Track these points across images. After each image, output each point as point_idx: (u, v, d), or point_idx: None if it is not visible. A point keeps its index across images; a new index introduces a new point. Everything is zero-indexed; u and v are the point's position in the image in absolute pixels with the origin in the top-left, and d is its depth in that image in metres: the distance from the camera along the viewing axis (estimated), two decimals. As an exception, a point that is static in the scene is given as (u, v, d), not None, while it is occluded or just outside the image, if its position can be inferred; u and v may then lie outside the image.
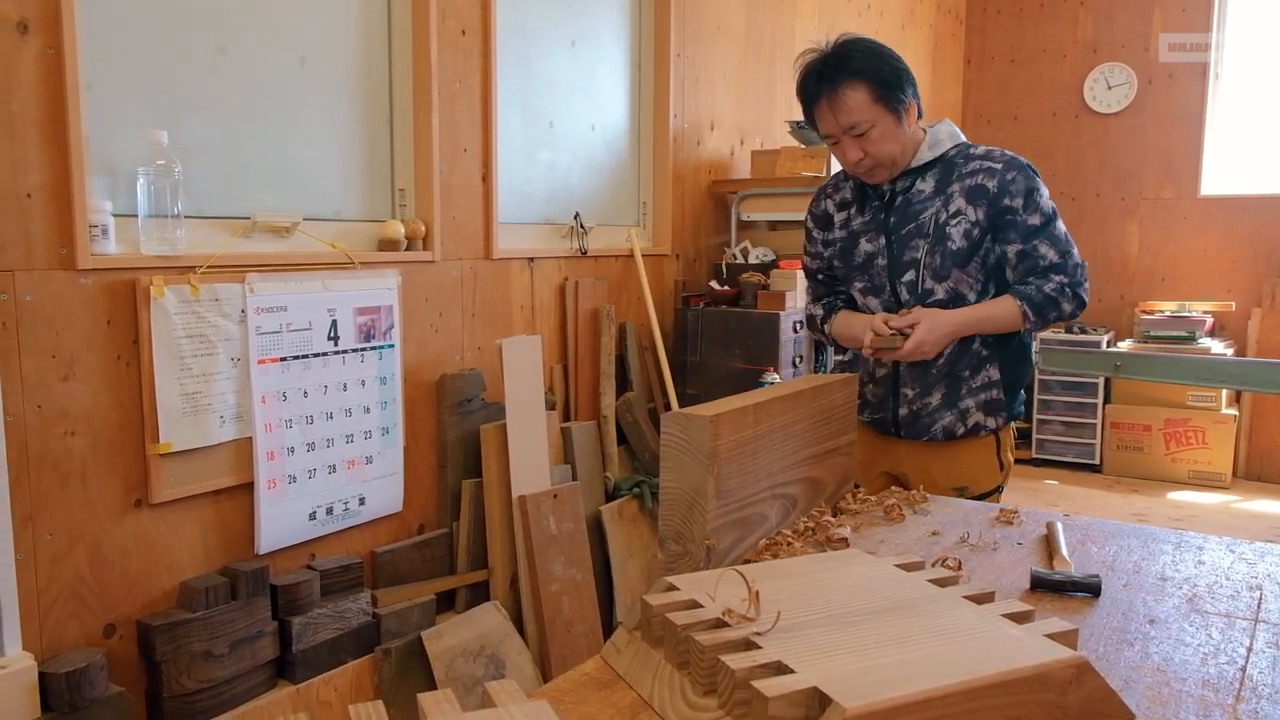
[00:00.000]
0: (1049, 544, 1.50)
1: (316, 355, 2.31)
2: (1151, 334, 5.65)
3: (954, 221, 1.92)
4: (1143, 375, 3.63)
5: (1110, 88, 6.16)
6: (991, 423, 2.03)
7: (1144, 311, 5.87)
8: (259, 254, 2.22)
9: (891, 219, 1.97)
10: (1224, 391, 5.46)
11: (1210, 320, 5.69)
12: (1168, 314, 5.73)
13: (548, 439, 2.80)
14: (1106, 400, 5.80)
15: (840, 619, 0.98)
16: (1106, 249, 6.27)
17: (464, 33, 2.68)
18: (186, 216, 2.05)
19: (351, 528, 2.44)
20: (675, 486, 1.37)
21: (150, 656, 1.99)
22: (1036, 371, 5.76)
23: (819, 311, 2.14)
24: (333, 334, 2.34)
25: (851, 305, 2.11)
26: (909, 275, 1.96)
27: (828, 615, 0.99)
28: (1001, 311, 1.92)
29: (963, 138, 2.03)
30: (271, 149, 2.32)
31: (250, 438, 2.17)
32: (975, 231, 1.91)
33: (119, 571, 1.99)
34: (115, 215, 1.95)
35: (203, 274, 2.06)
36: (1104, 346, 5.59)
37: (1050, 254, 1.92)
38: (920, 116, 1.97)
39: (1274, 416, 5.60)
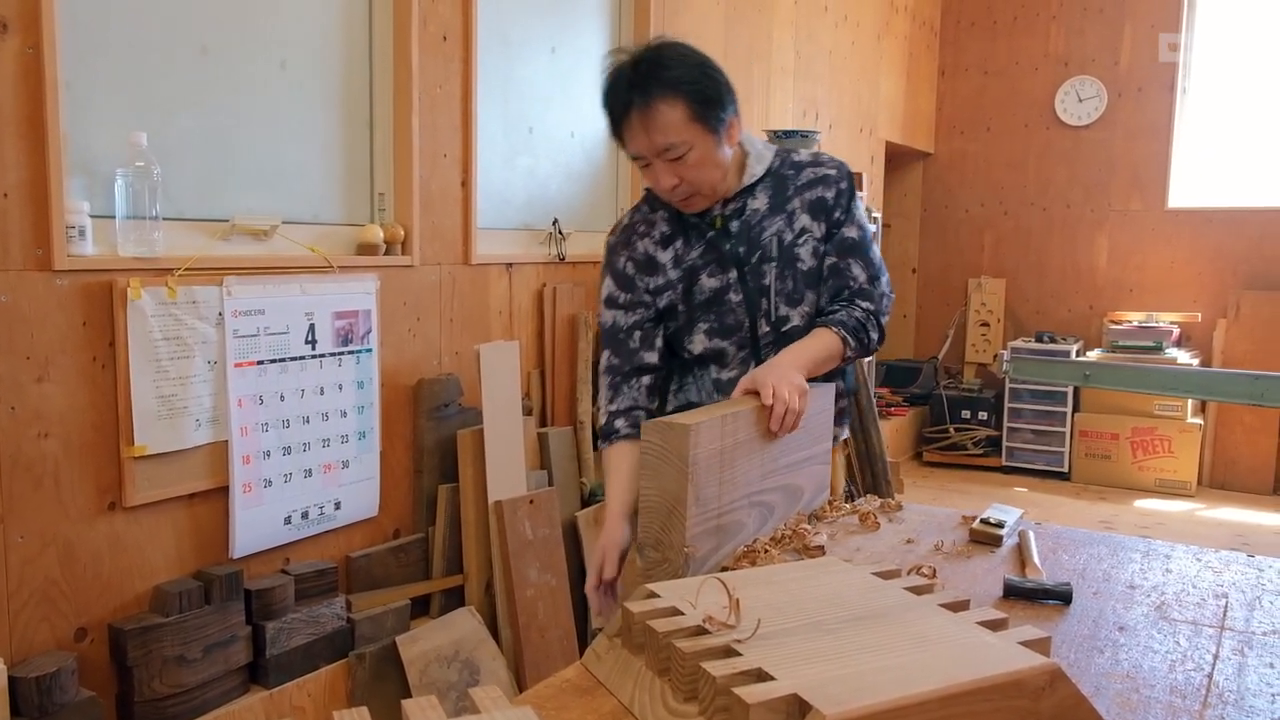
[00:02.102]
0: (1021, 552, 1.53)
1: (294, 359, 2.30)
2: (1120, 344, 5.74)
3: (801, 240, 1.71)
4: (1111, 385, 3.69)
5: (1081, 100, 6.26)
6: None
7: (1112, 321, 5.96)
8: (237, 257, 2.21)
9: (740, 248, 1.70)
10: (1190, 401, 5.56)
11: (1177, 331, 5.79)
12: (1135, 324, 5.83)
13: (524, 444, 2.80)
14: (1075, 409, 5.88)
15: (819, 626, 1.00)
16: (1076, 259, 6.37)
17: (445, 38, 2.69)
18: (165, 218, 2.04)
19: (327, 532, 2.43)
20: (654, 494, 1.38)
21: (122, 661, 1.97)
22: (1007, 381, 5.83)
23: (602, 419, 1.74)
24: (310, 338, 2.34)
25: (656, 389, 1.76)
26: (764, 304, 1.71)
27: (807, 623, 1.01)
28: (826, 346, 1.65)
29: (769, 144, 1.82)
30: (252, 151, 2.31)
31: (226, 441, 2.16)
32: (823, 248, 1.72)
33: (91, 575, 1.97)
34: (93, 216, 1.94)
35: (180, 276, 2.05)
36: (1073, 356, 5.67)
37: (861, 276, 1.72)
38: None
39: (1238, 426, 5.70)
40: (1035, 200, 6.48)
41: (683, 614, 1.02)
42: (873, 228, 1.74)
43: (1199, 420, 5.67)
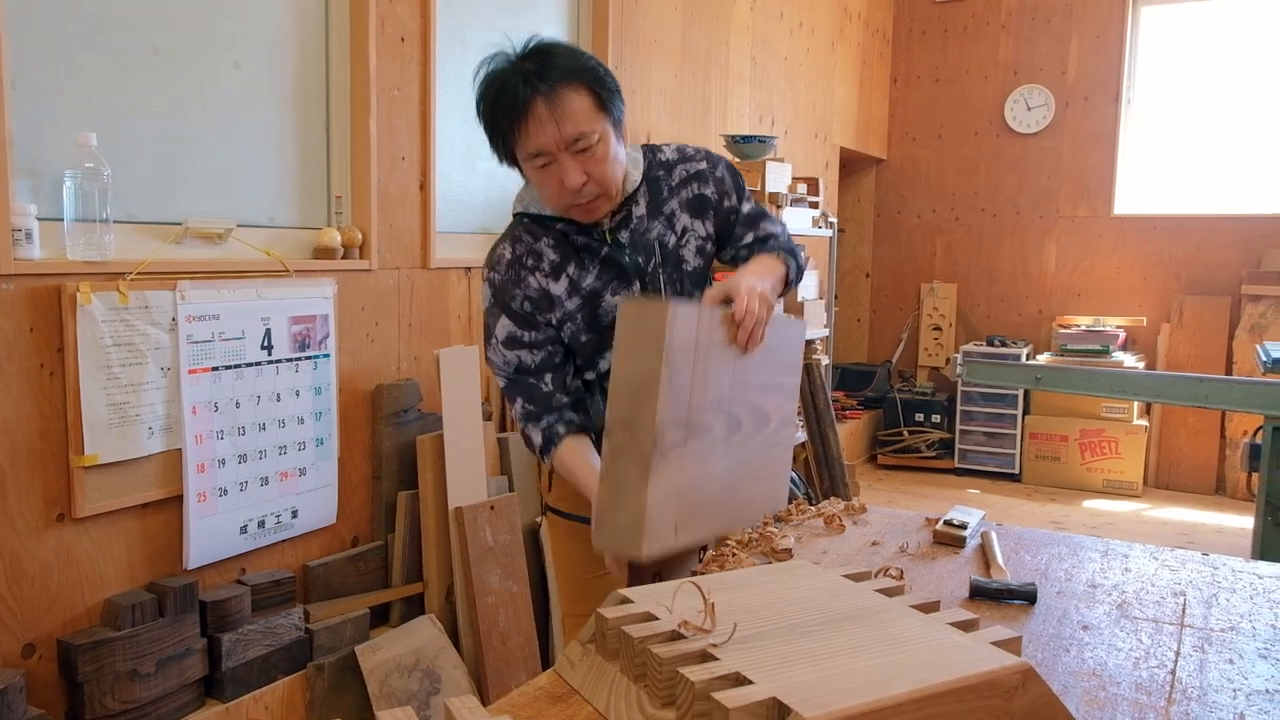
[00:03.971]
0: (984, 553, 1.55)
1: (249, 365, 2.26)
2: (1068, 347, 5.86)
3: (684, 241, 1.66)
4: (1061, 388, 3.77)
5: (1029, 109, 6.38)
6: None
7: (1061, 325, 6.08)
8: (191, 260, 2.16)
9: (638, 258, 1.62)
10: (1136, 404, 5.69)
11: (1123, 335, 5.92)
12: (1083, 328, 5.94)
13: (485, 450, 2.78)
14: (1026, 412, 5.99)
15: (794, 629, 1.00)
16: (1026, 264, 6.48)
17: (403, 39, 2.66)
18: (116, 221, 1.99)
19: (284, 541, 2.39)
20: (626, 374, 1.32)
21: (72, 677, 1.91)
22: (960, 384, 5.92)
23: (538, 438, 1.62)
24: (266, 343, 2.29)
25: (576, 424, 1.64)
26: None
27: (782, 626, 1.01)
28: (775, 266, 1.63)
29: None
30: (205, 153, 2.27)
31: (180, 449, 2.11)
32: (708, 246, 1.69)
33: (39, 589, 1.91)
34: (40, 219, 1.89)
35: (132, 280, 2.00)
36: (1023, 359, 5.77)
37: (775, 229, 1.72)
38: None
39: (1181, 427, 5.85)
40: (986, 206, 6.58)
41: (657, 619, 1.01)
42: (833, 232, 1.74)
43: (1145, 422, 5.80)
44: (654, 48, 3.89)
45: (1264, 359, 3.34)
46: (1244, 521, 5.03)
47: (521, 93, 1.46)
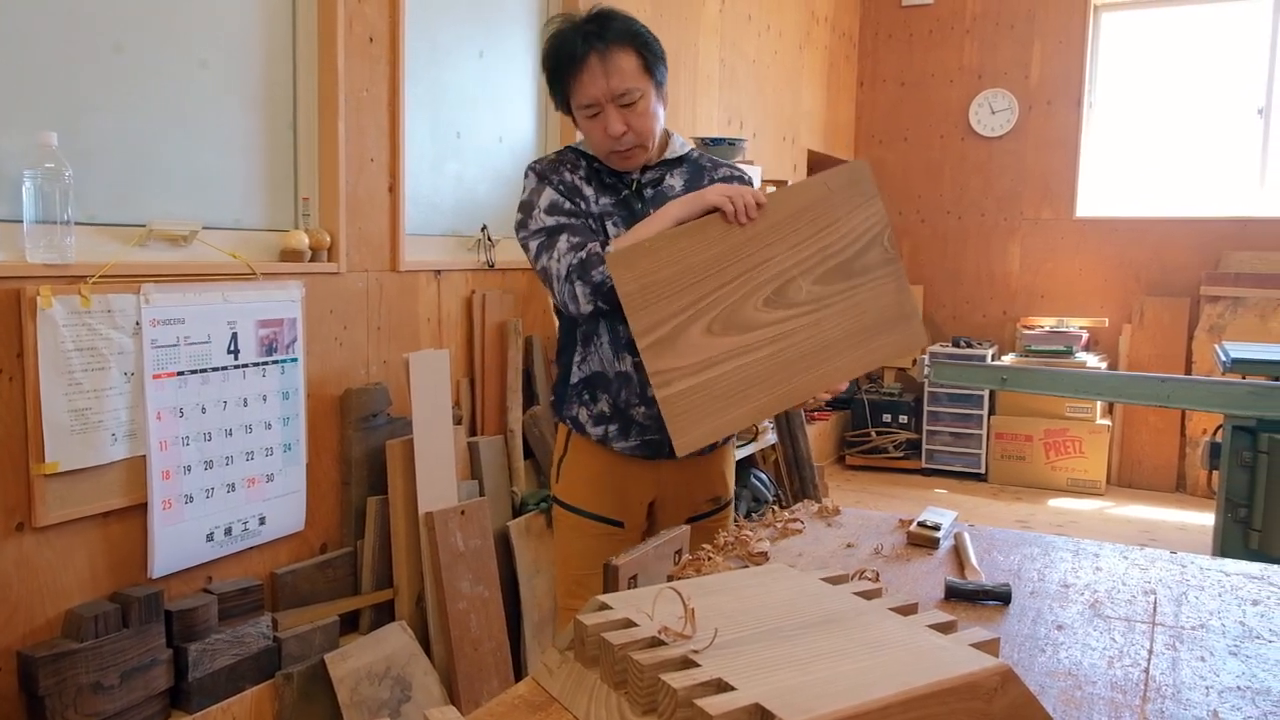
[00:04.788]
0: (958, 554, 1.56)
1: (215, 369, 2.22)
2: (1032, 348, 5.93)
3: None
4: (1027, 388, 3.81)
5: (994, 112, 6.46)
6: None
7: (1025, 326, 6.15)
8: (155, 263, 2.12)
9: (650, 210, 1.78)
10: (1099, 403, 5.77)
11: (1086, 335, 6.01)
12: (1047, 329, 6.02)
13: (455, 454, 2.75)
14: (991, 412, 6.05)
15: (775, 634, 1.00)
16: (990, 266, 6.56)
17: (371, 40, 2.63)
18: (77, 223, 1.95)
19: (251, 548, 2.35)
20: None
21: (33, 691, 1.87)
22: (927, 385, 5.98)
23: (583, 255, 1.70)
24: (233, 347, 2.26)
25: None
26: None
27: (762, 630, 1.00)
28: None
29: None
30: (169, 154, 2.23)
31: (144, 456, 2.07)
32: None
33: (-1, 600, 1.87)
34: (-2, 221, 1.84)
35: (94, 284, 1.96)
36: (989, 360, 5.83)
37: None
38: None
39: (1143, 427, 5.94)
40: (951, 209, 6.65)
41: (637, 625, 1.00)
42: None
43: (1108, 422, 5.88)
44: (623, 50, 3.87)
45: (1223, 359, 3.40)
46: (1205, 519, 5.12)
47: (580, 49, 1.69)
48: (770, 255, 1.64)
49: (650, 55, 1.73)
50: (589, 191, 1.82)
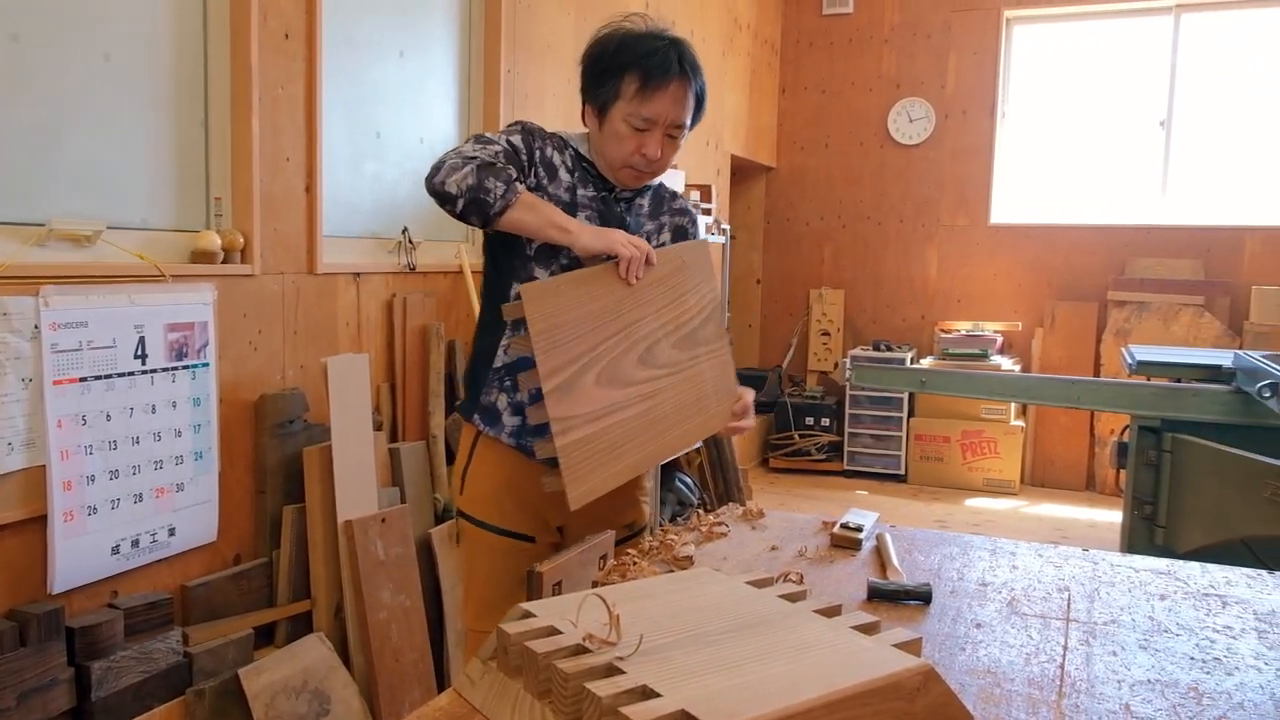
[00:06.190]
0: (880, 555, 1.58)
1: (121, 375, 2.13)
2: (950, 351, 6.07)
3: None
4: (945, 390, 3.90)
5: (911, 120, 6.60)
6: None
7: (942, 330, 6.30)
8: (56, 264, 2.03)
9: (628, 218, 1.85)
10: (1013, 405, 5.93)
11: (1000, 339, 6.17)
12: (964, 333, 6.17)
13: (375, 460, 2.69)
14: (910, 414, 6.18)
15: (701, 639, 0.99)
16: (909, 271, 6.70)
17: (287, 36, 2.56)
18: (-31, 222, 1.85)
19: (160, 561, 2.26)
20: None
21: (-79, 715, 1.77)
22: (848, 388, 6.07)
23: (501, 179, 1.62)
24: (140, 352, 2.17)
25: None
26: None
27: (688, 635, 0.99)
28: None
29: None
30: (71, 150, 2.13)
31: (44, 466, 1.97)
32: None
33: (-118, 620, 1.76)
34: (-118, 218, 1.73)
35: (-12, 286, 1.86)
36: (908, 363, 5.96)
37: None
38: None
39: (1054, 427, 6.13)
40: (871, 214, 6.78)
41: (561, 633, 0.99)
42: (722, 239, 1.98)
43: (1021, 423, 6.06)
44: (547, 53, 3.86)
45: (1129, 361, 3.52)
46: (1113, 516, 5.30)
47: (675, 68, 1.71)
48: (643, 315, 1.69)
49: (700, 107, 1.81)
50: (565, 176, 1.79)
